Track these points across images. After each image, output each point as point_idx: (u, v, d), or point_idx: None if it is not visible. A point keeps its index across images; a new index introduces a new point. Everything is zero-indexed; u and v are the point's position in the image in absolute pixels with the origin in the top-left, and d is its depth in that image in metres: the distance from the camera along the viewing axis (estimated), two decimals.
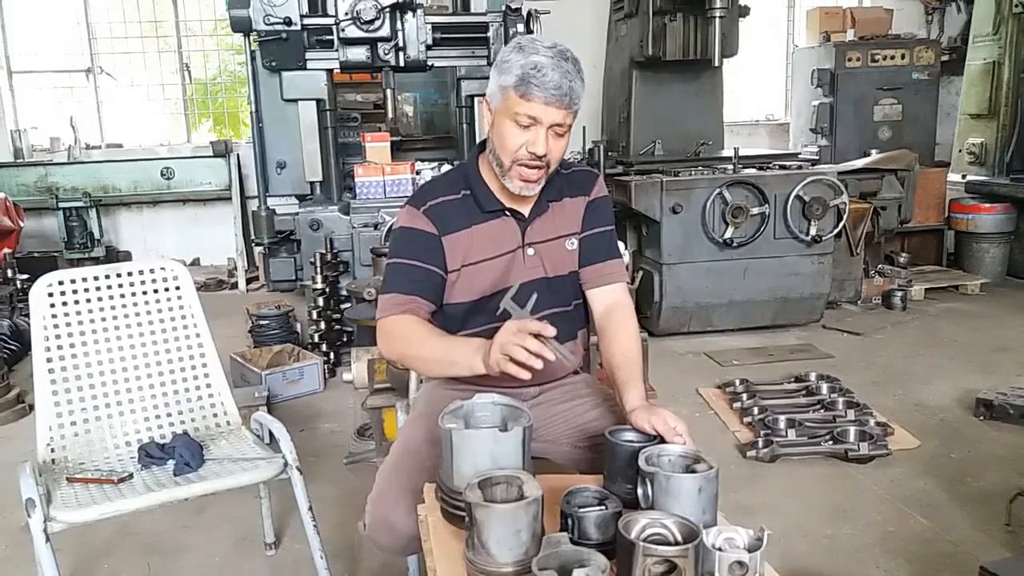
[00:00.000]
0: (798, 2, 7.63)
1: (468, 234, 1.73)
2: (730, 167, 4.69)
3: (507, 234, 1.75)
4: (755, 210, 4.49)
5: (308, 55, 4.46)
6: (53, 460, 2.08)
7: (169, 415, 2.25)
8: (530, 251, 1.76)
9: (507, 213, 1.75)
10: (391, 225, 4.31)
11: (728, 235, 4.47)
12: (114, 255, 6.58)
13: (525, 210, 1.76)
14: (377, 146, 4.71)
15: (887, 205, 5.27)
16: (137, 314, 2.25)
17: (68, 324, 2.15)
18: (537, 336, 1.39)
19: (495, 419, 1.44)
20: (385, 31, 4.31)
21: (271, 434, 2.14)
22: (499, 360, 1.42)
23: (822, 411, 3.40)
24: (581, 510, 1.27)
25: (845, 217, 4.62)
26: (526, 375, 1.40)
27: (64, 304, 2.16)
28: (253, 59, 4.56)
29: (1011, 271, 5.86)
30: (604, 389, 1.90)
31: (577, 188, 1.82)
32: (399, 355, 1.70)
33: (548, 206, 1.78)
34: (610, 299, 1.81)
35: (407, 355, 1.69)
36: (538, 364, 1.38)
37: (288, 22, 4.30)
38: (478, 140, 4.73)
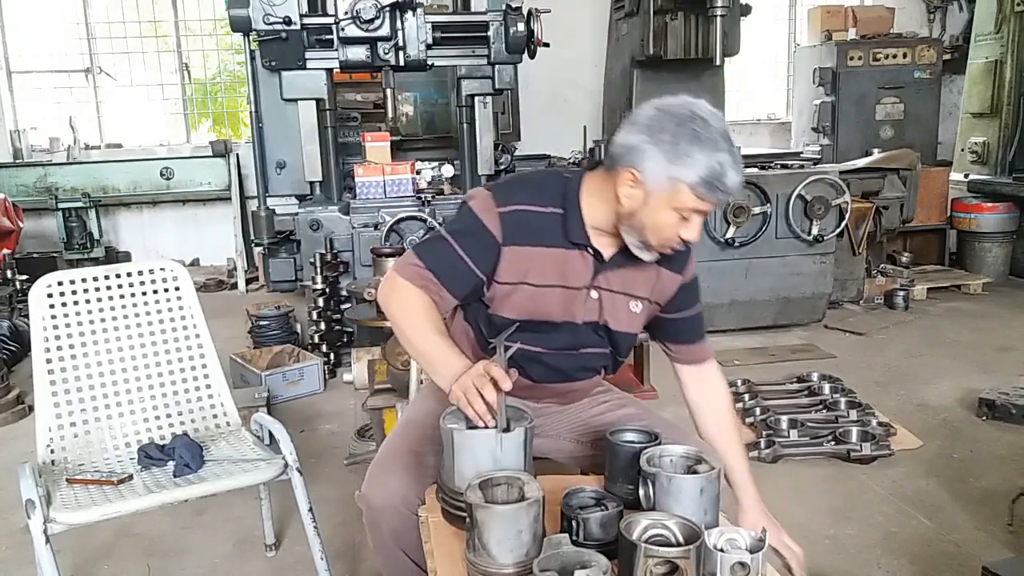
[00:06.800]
0: (799, 1, 7.62)
1: (537, 253, 1.60)
2: None
3: (579, 269, 1.63)
4: (757, 210, 4.48)
5: (308, 55, 4.45)
6: (53, 461, 2.07)
7: (169, 416, 2.25)
8: (593, 294, 1.65)
9: (589, 250, 1.62)
10: (391, 225, 4.31)
11: (730, 235, 4.46)
12: (114, 256, 6.57)
13: (608, 252, 1.63)
14: (377, 146, 4.70)
15: (889, 204, 5.27)
16: (137, 315, 2.25)
17: (68, 325, 2.15)
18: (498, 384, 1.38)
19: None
20: (385, 30, 4.30)
21: (271, 435, 2.14)
22: (458, 398, 1.42)
23: (824, 411, 3.39)
24: (582, 511, 1.27)
25: (847, 216, 4.61)
26: (479, 421, 1.40)
27: (64, 305, 2.16)
28: (253, 59, 4.55)
29: (1013, 270, 5.85)
30: (608, 386, 1.90)
31: (672, 263, 1.69)
32: (391, 316, 1.62)
33: (627, 261, 1.63)
34: (702, 376, 1.83)
35: (397, 323, 1.61)
36: (490, 421, 1.39)
37: (288, 21, 4.29)
38: (480, 141, 4.74)
